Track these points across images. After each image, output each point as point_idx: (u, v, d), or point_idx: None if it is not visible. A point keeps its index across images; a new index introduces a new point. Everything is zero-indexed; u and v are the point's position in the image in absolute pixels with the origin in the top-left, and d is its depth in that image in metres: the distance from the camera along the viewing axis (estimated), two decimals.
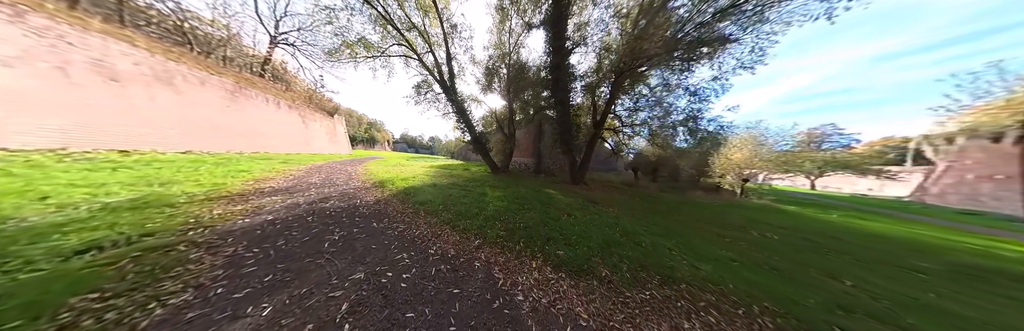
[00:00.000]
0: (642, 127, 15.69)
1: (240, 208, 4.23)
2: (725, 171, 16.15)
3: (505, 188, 10.18)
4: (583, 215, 7.28)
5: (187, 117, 12.66)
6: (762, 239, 7.06)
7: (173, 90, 12.26)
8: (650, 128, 15.08)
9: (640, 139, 18.76)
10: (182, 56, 13.12)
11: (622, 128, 16.96)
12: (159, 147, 11.16)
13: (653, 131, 15.14)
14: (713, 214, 10.16)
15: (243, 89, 15.79)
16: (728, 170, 15.87)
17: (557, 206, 7.96)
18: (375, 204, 5.58)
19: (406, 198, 6.41)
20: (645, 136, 15.59)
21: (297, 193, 5.73)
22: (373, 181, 8.49)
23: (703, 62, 9.16)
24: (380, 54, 14.95)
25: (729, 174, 15.76)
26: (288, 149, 18.71)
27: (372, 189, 7.20)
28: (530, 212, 6.69)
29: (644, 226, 7.01)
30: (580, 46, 14.32)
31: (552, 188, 12.51)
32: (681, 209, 10.68)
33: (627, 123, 16.69)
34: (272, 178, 7.09)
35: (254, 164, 9.25)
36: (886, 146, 27.96)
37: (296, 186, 6.44)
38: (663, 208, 10.40)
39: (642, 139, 18.45)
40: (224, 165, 8.39)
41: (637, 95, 13.64)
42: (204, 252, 2.70)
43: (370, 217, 4.69)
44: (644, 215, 8.61)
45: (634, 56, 9.81)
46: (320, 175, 8.88)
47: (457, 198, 6.99)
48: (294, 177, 7.75)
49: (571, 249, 4.43)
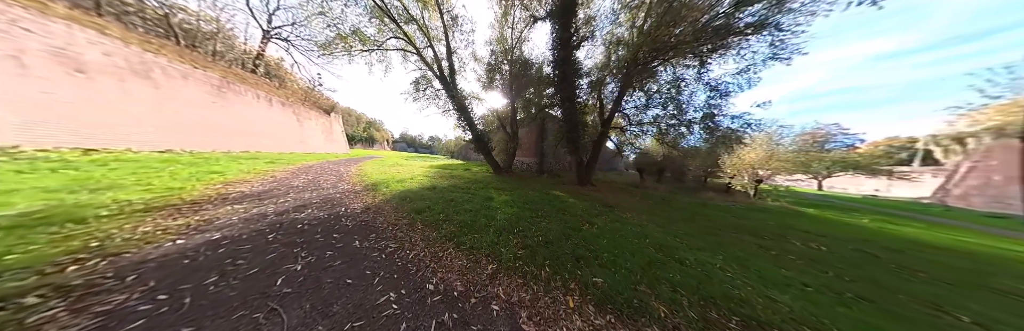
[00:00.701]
0: (652, 125, 14.67)
1: (180, 223, 3.17)
2: (737, 171, 15.18)
3: (511, 191, 9.16)
4: (604, 223, 6.27)
5: (167, 113, 11.55)
6: (810, 251, 6.06)
7: (151, 84, 11.14)
8: (660, 126, 14.06)
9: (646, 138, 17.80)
10: (162, 48, 12.01)
11: (629, 127, 15.92)
12: (134, 145, 10.07)
13: (663, 129, 14.13)
14: (739, 219, 9.16)
15: (231, 84, 14.67)
16: (740, 170, 14.89)
17: (572, 212, 6.95)
18: (362, 213, 4.53)
19: (401, 205, 5.36)
20: (654, 134, 14.56)
21: (270, 200, 4.68)
22: (365, 183, 7.44)
23: (732, 52, 8.15)
24: (377, 48, 13.87)
25: (741, 175, 14.80)
26: (281, 148, 17.60)
27: (363, 193, 6.16)
28: (545, 220, 5.67)
29: (675, 237, 6.00)
30: (588, 40, 13.27)
31: (560, 190, 11.51)
32: (702, 213, 9.68)
33: (635, 121, 15.67)
34: (247, 181, 6.03)
35: (234, 164, 8.17)
36: (890, 146, 27.18)
37: (272, 191, 5.39)
38: (684, 213, 9.40)
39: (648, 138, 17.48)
40: (198, 165, 7.31)
41: (649, 91, 12.61)
42: (66, 306, 1.66)
43: (353, 232, 3.64)
44: (667, 222, 7.60)
45: (654, 46, 8.79)
46: (306, 176, 7.82)
47: (460, 204, 5.95)
48: (274, 179, 6.69)
49: (609, 274, 3.41)
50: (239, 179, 6.08)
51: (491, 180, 11.70)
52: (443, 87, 14.92)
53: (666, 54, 9.97)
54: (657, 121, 13.90)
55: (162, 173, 5.63)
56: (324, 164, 12.58)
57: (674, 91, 11.45)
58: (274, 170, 8.33)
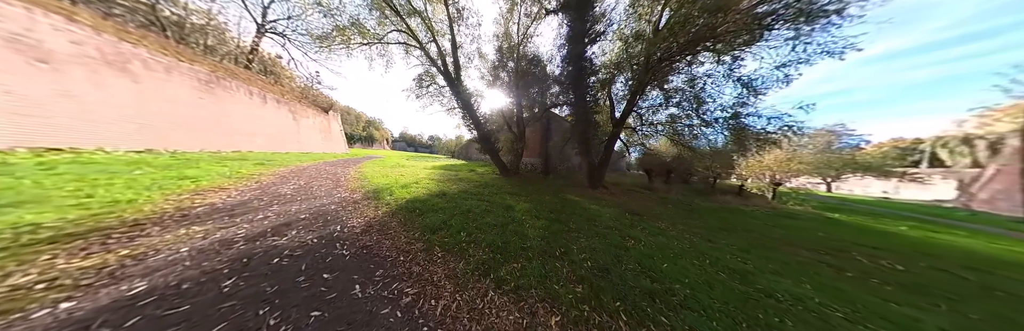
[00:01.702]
0: (666, 125, 13.65)
1: (90, 263, 2.06)
2: (752, 173, 14.25)
3: (527, 196, 8.12)
4: (645, 237, 5.26)
5: (147, 109, 10.35)
6: (886, 271, 5.09)
7: (129, 77, 9.93)
8: (675, 126, 13.06)
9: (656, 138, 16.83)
10: (143, 38, 10.78)
11: (641, 127, 14.89)
12: (109, 145, 8.90)
13: (677, 129, 13.16)
14: (775, 227, 8.20)
15: (222, 80, 13.44)
16: (757, 173, 13.97)
17: (603, 222, 5.93)
18: (363, 234, 3.45)
19: (410, 219, 4.29)
20: (667, 134, 13.55)
21: (245, 215, 3.59)
22: (365, 190, 6.35)
23: (770, 44, 7.16)
24: (377, 41, 12.73)
25: (758, 177, 13.87)
26: (276, 148, 16.39)
27: (363, 203, 5.07)
28: (581, 235, 4.65)
29: (733, 254, 5.00)
30: (602, 35, 12.22)
31: (574, 194, 10.50)
32: (734, 220, 8.70)
33: (647, 121, 14.64)
34: (224, 188, 4.92)
35: (215, 167, 7.03)
36: (895, 147, 26.48)
37: (251, 201, 4.29)
38: (715, 221, 8.41)
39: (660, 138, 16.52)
40: (171, 169, 6.18)
41: (668, 89, 11.61)
42: None
43: (351, 268, 2.57)
44: (708, 232, 6.59)
45: (687, 38, 7.78)
46: (298, 181, 6.70)
47: (480, 216, 4.90)
48: (259, 185, 5.58)
49: (701, 319, 2.42)
50: (215, 186, 4.97)
51: (501, 183, 10.65)
52: (447, 84, 13.82)
53: (696, 47, 8.97)
54: (674, 120, 12.90)
55: (118, 179, 4.50)
56: (320, 165, 11.43)
57: (698, 88, 10.45)
58: (262, 173, 7.20)
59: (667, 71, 11.10)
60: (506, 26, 15.53)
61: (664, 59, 9.79)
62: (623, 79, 13.93)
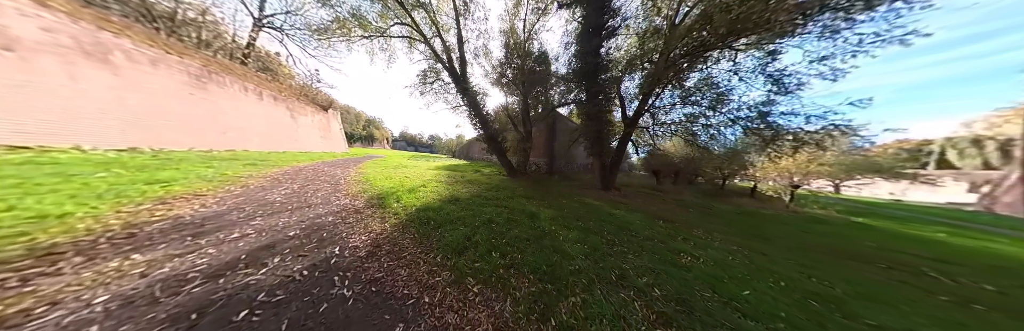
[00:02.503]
0: (681, 124, 12.83)
1: None
2: (769, 175, 13.50)
3: (544, 200, 7.30)
4: (695, 251, 4.46)
5: (131, 105, 9.41)
6: (974, 292, 4.31)
7: (109, 69, 8.98)
8: (691, 125, 12.25)
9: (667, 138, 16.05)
10: (126, 28, 9.82)
11: (653, 126, 14.05)
12: (88, 142, 7.98)
13: (691, 129, 12.36)
14: (817, 235, 7.42)
15: (214, 75, 12.48)
16: (773, 174, 13.22)
17: (639, 232, 5.13)
18: (370, 259, 2.59)
19: (425, 234, 3.44)
20: (682, 134, 12.74)
21: (217, 232, 2.73)
22: (368, 195, 5.48)
23: (826, 33, 6.33)
24: (380, 34, 11.83)
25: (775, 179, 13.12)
26: (272, 146, 15.44)
27: (366, 212, 4.21)
28: (627, 250, 3.87)
29: (799, 270, 4.20)
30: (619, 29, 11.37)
31: (589, 196, 9.68)
32: (765, 227, 7.92)
33: (659, 120, 13.80)
34: (200, 195, 4.03)
35: (199, 168, 6.13)
36: (901, 148, 25.87)
37: (229, 213, 3.42)
38: (747, 227, 7.62)
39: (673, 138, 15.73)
40: (147, 170, 5.28)
41: (687, 86, 10.79)
42: None
43: (358, 320, 1.73)
44: (748, 241, 5.79)
45: (717, 31, 6.96)
46: (292, 184, 5.82)
47: (505, 227, 4.07)
48: (244, 191, 4.70)
49: None
50: (189, 192, 4.08)
51: (511, 185, 9.80)
52: (453, 80, 12.95)
53: (726, 41, 8.14)
54: (690, 120, 12.06)
55: (68, 185, 3.61)
56: (318, 166, 10.53)
57: (721, 85, 9.65)
58: (251, 175, 6.30)
59: (686, 67, 10.27)
60: (511, 22, 14.71)
61: (690, 54, 8.96)
62: (636, 77, 13.09)
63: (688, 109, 11.91)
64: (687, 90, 10.84)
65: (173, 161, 6.72)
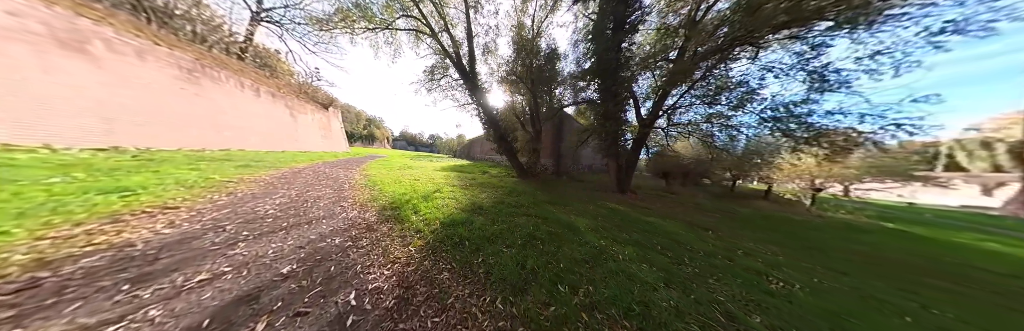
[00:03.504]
0: (698, 124, 12.00)
1: None
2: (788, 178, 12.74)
3: (567, 205, 6.47)
4: (773, 271, 3.67)
5: (115, 100, 8.44)
6: None
7: (89, 60, 8.00)
8: (710, 126, 11.43)
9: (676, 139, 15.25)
10: (109, 16, 8.82)
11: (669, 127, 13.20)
12: (61, 140, 7.02)
13: (708, 130, 11.56)
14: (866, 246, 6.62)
15: (207, 69, 11.47)
16: (792, 177, 12.46)
17: (693, 247, 4.36)
18: (399, 310, 1.72)
19: (464, 261, 2.58)
20: (701, 135, 11.92)
21: (173, 273, 1.82)
22: (380, 204, 4.59)
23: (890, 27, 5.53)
24: (385, 27, 10.89)
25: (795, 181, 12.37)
26: (270, 146, 14.44)
27: (380, 229, 3.32)
28: (700, 271, 3.10)
29: (907, 298, 3.38)
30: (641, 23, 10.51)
31: (610, 200, 8.87)
32: (809, 236, 7.12)
33: (673, 121, 12.95)
34: (172, 208, 3.12)
35: (182, 171, 5.20)
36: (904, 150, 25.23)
37: (205, 234, 2.51)
38: (788, 236, 6.81)
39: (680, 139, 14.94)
40: (116, 174, 4.36)
41: (711, 85, 9.96)
42: None
43: None
44: (813, 255, 4.97)
45: (749, 25, 6.14)
46: (289, 191, 4.90)
47: (551, 245, 3.25)
48: (231, 200, 3.77)
49: None
50: (158, 204, 3.17)
51: (527, 188, 8.94)
52: (461, 77, 12.05)
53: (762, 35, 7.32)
54: (710, 119, 11.21)
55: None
56: (319, 167, 9.58)
57: (753, 83, 8.84)
58: (243, 179, 5.37)
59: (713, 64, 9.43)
60: (519, 18, 13.84)
61: (719, 49, 8.12)
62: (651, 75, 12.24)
63: (712, 108, 11.07)
64: (711, 88, 10.00)
65: (154, 162, 5.77)
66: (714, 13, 9.43)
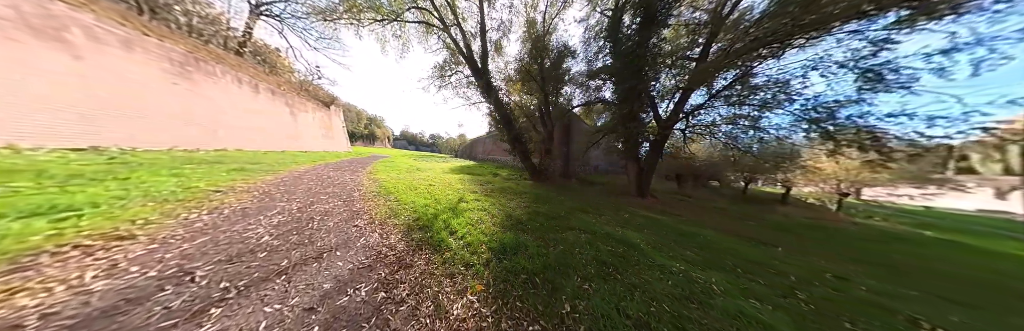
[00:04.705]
0: (718, 126, 11.13)
1: None
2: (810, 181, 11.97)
3: (604, 214, 5.63)
4: (892, 302, 2.81)
5: (95, 94, 7.46)
6: None
7: (66, 50, 6.99)
8: (732, 127, 10.58)
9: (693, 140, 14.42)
10: (89, 2, 7.77)
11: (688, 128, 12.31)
12: (30, 139, 6.07)
13: (730, 132, 10.73)
14: (930, 261, 5.82)
15: (202, 63, 10.44)
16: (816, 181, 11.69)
17: (777, 268, 3.57)
18: None
19: (550, 313, 1.72)
20: (724, 138, 11.06)
21: None
22: (402, 219, 3.68)
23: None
24: (394, 18, 9.92)
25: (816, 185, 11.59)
26: (269, 145, 13.42)
27: (416, 263, 2.39)
28: (814, 306, 2.16)
29: None
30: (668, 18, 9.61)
31: (638, 207, 8.03)
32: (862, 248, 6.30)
33: (690, 123, 12.05)
34: (123, 238, 2.18)
35: (161, 178, 4.25)
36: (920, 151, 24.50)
37: (156, 292, 1.60)
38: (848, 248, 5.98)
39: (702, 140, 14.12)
40: (70, 183, 3.42)
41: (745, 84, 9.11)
42: None
43: None
44: (889, 274, 4.13)
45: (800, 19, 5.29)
46: (289, 204, 3.96)
47: (631, 274, 2.45)
48: (213, 221, 2.78)
49: None
50: (104, 233, 2.21)
51: (547, 193, 8.06)
52: (473, 74, 11.14)
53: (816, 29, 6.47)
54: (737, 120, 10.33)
55: None
56: (322, 170, 8.62)
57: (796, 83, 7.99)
58: (234, 187, 4.43)
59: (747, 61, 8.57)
60: (530, 14, 12.96)
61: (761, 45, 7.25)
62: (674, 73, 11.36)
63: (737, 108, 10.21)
64: (742, 87, 9.14)
65: (131, 166, 4.81)
66: (753, 5, 8.61)
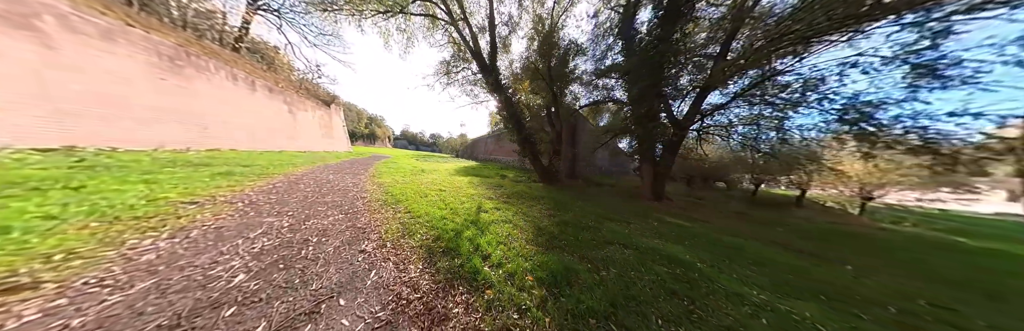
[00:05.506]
0: (739, 126, 10.47)
1: None
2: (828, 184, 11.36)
3: (625, 221, 4.99)
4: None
5: (71, 89, 6.69)
6: None
7: (36, 39, 6.22)
8: (753, 128, 9.94)
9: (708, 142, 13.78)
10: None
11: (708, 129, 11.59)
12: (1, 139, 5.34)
13: (751, 133, 10.12)
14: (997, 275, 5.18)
15: (193, 57, 9.65)
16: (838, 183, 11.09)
17: (840, 286, 2.81)
18: None
19: None
20: (743, 139, 10.40)
21: None
22: (419, 241, 2.96)
23: None
24: (399, 11, 9.18)
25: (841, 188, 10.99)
26: (266, 145, 12.65)
27: (448, 309, 1.71)
28: None
29: None
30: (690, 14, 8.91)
31: (660, 212, 7.37)
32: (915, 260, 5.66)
33: (706, 123, 11.36)
34: (17, 289, 1.49)
35: (126, 187, 3.51)
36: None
37: None
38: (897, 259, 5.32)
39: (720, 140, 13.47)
40: (2, 194, 2.66)
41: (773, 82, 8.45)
42: None
43: None
44: (966, 296, 3.47)
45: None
46: (279, 221, 3.21)
47: (698, 304, 1.76)
48: (168, 253, 1.97)
49: None
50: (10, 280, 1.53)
51: (566, 199, 7.37)
52: (480, 70, 10.44)
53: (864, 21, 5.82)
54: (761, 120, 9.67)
55: None
56: (321, 172, 7.88)
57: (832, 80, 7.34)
58: (215, 197, 3.71)
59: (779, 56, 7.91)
60: (537, 10, 12.26)
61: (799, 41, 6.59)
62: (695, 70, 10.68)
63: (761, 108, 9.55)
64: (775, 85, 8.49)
65: (97, 170, 4.06)
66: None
